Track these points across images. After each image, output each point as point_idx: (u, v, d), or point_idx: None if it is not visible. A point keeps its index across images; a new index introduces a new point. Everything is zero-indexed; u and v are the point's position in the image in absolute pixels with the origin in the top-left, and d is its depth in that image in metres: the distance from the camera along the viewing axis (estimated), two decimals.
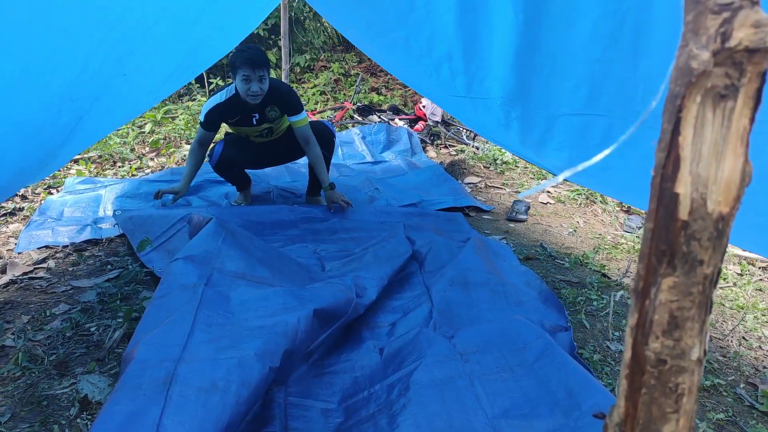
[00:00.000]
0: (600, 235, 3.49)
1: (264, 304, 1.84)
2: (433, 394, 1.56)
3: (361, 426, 1.52)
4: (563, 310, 2.23)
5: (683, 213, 0.41)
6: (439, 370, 1.67)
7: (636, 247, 3.30)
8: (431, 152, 5.43)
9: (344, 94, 8.15)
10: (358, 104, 6.59)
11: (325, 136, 3.37)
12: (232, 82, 3.08)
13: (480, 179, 4.50)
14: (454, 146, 5.58)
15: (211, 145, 3.34)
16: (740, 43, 0.37)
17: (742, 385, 1.91)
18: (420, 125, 5.79)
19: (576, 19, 1.60)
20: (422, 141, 5.51)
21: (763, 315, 2.59)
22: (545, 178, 4.53)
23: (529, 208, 3.82)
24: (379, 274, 2.33)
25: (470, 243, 2.67)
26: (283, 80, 5.62)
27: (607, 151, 0.53)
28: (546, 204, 4.04)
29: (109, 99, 2.20)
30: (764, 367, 2.06)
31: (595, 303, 2.41)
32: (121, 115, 2.54)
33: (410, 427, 1.44)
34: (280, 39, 7.60)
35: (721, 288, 2.87)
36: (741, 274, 3.09)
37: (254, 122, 3.20)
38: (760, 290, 2.92)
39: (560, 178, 0.54)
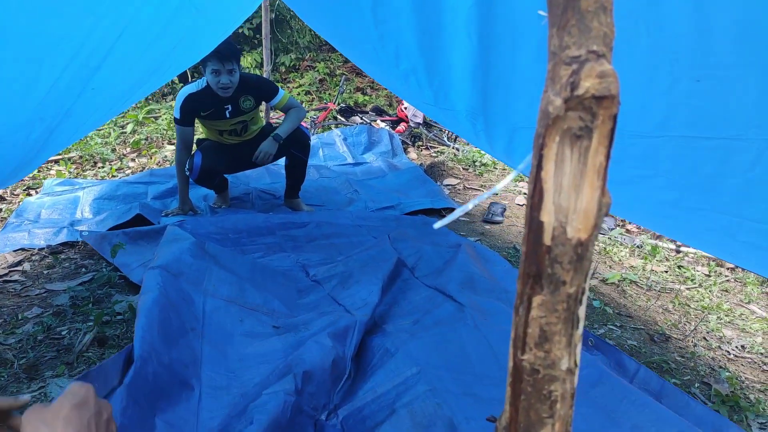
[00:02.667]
0: None
1: (264, 359, 1.78)
2: None
3: None
4: None
5: (547, 239, 0.46)
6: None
7: (606, 249, 3.37)
8: (412, 154, 5.48)
9: (329, 94, 8.18)
10: (342, 105, 6.63)
11: (300, 140, 3.41)
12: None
13: (459, 181, 4.56)
14: (435, 147, 5.64)
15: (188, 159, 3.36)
16: (587, 91, 0.42)
17: (696, 385, 1.97)
18: (402, 127, 5.84)
19: (521, 43, 1.66)
20: (404, 142, 5.55)
21: (726, 315, 2.67)
22: (523, 180, 4.59)
23: (505, 210, 3.88)
24: (371, 283, 2.28)
25: (462, 249, 2.67)
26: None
27: (478, 200, 0.58)
28: (522, 206, 4.10)
29: (80, 110, 2.22)
30: (720, 367, 2.12)
31: None
32: (91, 123, 2.56)
33: None
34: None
35: (687, 289, 2.94)
36: (708, 275, 3.16)
37: (227, 115, 3.24)
38: (726, 291, 2.99)
39: (469, 206, 0.59)
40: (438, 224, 0.66)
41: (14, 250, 2.91)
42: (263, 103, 3.47)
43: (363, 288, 2.23)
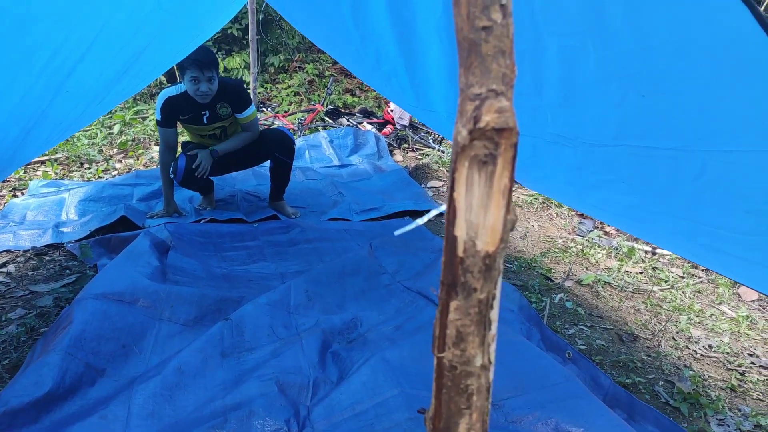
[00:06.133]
0: (552, 238, 3.63)
1: (205, 392, 1.76)
2: None
3: None
4: (542, 325, 2.28)
5: (460, 251, 0.52)
6: None
7: (584, 251, 3.45)
8: (398, 156, 5.54)
9: (318, 95, 8.22)
10: (329, 107, 6.68)
11: (284, 144, 3.46)
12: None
13: (442, 183, 4.62)
14: (421, 150, 5.70)
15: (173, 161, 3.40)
16: (488, 124, 0.48)
17: (660, 383, 2.05)
18: (388, 129, 5.90)
19: None
20: (390, 145, 5.61)
21: (696, 316, 2.75)
22: None
23: None
24: (346, 298, 2.31)
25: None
26: (252, 83, 5.68)
27: (423, 220, 0.65)
28: None
29: (55, 113, 2.25)
30: (685, 366, 2.20)
31: (534, 305, 2.54)
32: (68, 126, 2.60)
33: None
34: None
35: (660, 290, 3.02)
36: (682, 276, 3.25)
37: (205, 120, 3.28)
38: (699, 292, 3.08)
39: (425, 219, 0.65)
40: (397, 232, 0.73)
41: (0, 252, 2.94)
42: None
43: (336, 306, 2.26)
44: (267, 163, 3.69)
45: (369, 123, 6.08)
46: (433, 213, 0.65)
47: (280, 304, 2.19)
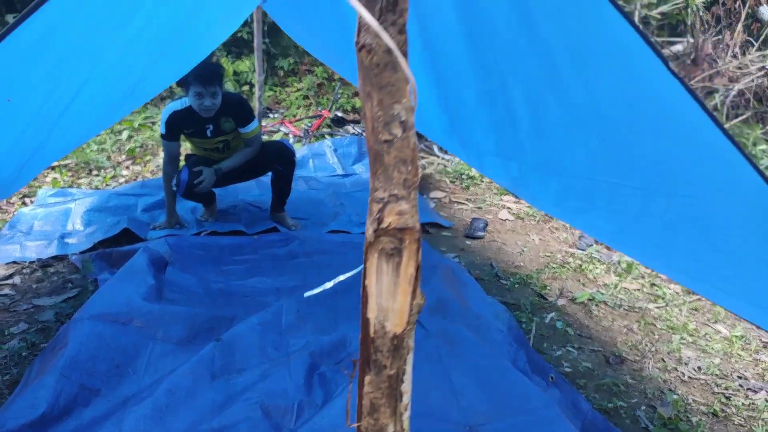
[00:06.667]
0: (551, 253, 3.64)
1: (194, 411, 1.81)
2: None
3: None
4: (528, 347, 2.31)
5: (371, 332, 0.56)
6: None
7: (582, 266, 3.46)
8: None
9: (327, 98, 8.27)
10: (336, 112, 6.73)
11: (284, 155, 3.52)
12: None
13: (445, 194, 4.65)
14: (425, 158, 5.73)
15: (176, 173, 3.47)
16: (390, 224, 0.52)
17: (643, 407, 2.07)
18: None
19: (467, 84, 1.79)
20: None
21: (690, 335, 2.75)
22: (507, 194, 4.68)
23: (487, 225, 3.98)
24: (336, 318, 2.34)
25: (439, 272, 2.74)
26: (257, 90, 5.74)
27: (331, 283, 0.69)
28: (505, 221, 4.19)
29: (67, 123, 2.32)
30: (669, 390, 2.21)
31: (524, 325, 2.57)
32: (80, 136, 2.68)
33: None
34: (265, 42, 7.74)
35: (656, 308, 3.03)
36: (679, 293, 3.25)
37: (208, 134, 3.34)
38: (695, 310, 3.08)
39: (332, 282, 0.70)
40: (307, 294, 0.77)
41: (6, 263, 3.02)
42: None
43: (328, 325, 2.30)
44: (269, 174, 3.75)
45: None
46: (348, 275, 0.69)
47: (272, 324, 2.24)
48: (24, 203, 4.07)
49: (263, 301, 2.55)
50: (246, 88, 8.23)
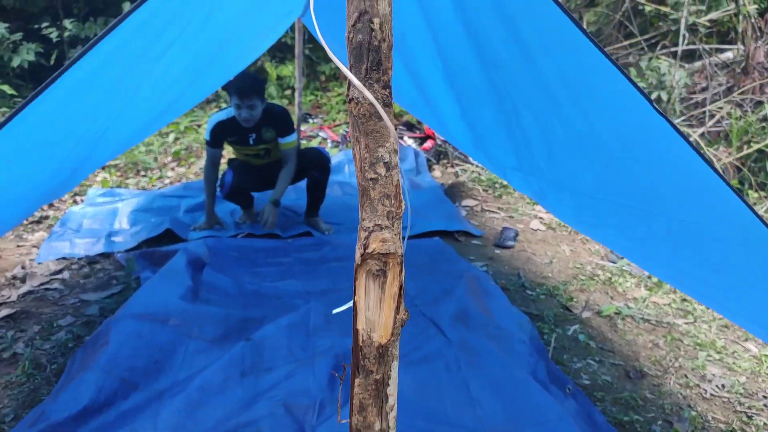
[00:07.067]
0: (581, 265, 3.65)
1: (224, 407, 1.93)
2: None
3: None
4: (548, 359, 2.35)
5: (360, 341, 0.64)
6: None
7: (612, 279, 3.45)
8: (437, 171, 5.64)
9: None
10: None
11: (320, 162, 3.65)
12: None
13: (477, 202, 4.69)
14: (460, 165, 5.77)
15: (220, 175, 3.66)
16: (374, 250, 0.60)
17: (659, 422, 2.08)
18: (428, 144, 6.01)
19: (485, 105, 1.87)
20: (429, 160, 5.71)
21: (717, 353, 2.73)
22: (539, 204, 4.68)
23: (517, 234, 4.00)
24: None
25: (464, 282, 2.81)
26: (297, 97, 5.89)
27: (344, 308, 0.77)
28: (536, 231, 4.21)
29: (115, 132, 2.48)
30: (688, 406, 2.22)
31: (545, 336, 2.60)
32: (127, 142, 2.86)
33: None
34: (307, 47, 7.93)
35: (685, 323, 3.01)
36: (709, 309, 3.21)
37: (251, 142, 3.51)
38: (726, 327, 3.05)
39: (344, 307, 0.78)
40: (335, 311, 0.85)
41: (56, 259, 3.23)
42: None
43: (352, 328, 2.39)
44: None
45: (410, 137, 6.20)
46: (349, 305, 0.77)
47: (300, 325, 2.34)
48: (74, 201, 4.31)
49: (293, 304, 2.66)
50: (288, 92, 8.43)
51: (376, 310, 0.63)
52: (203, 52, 2.44)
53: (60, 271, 3.10)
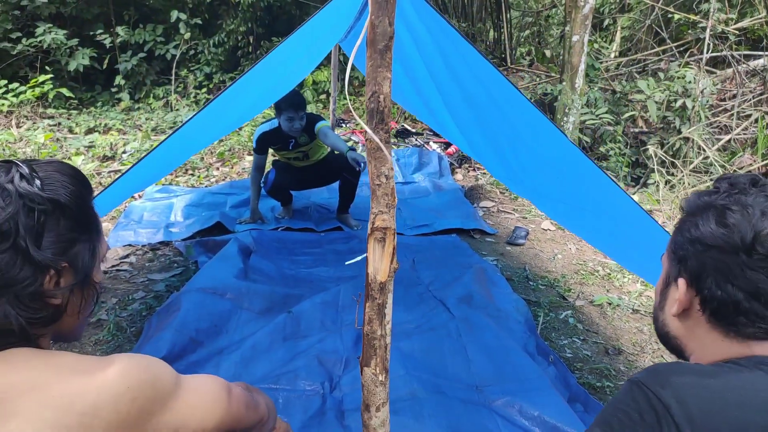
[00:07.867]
0: (584, 262, 4.04)
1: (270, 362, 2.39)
2: None
3: None
4: (537, 335, 2.77)
5: (369, 280, 1.10)
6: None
7: (610, 275, 3.84)
8: (459, 175, 6.07)
9: (398, 109, 8.85)
10: (402, 125, 7.30)
11: (350, 166, 4.12)
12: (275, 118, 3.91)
13: (494, 204, 5.11)
14: (480, 169, 6.19)
15: (265, 173, 4.17)
16: (376, 224, 1.05)
17: None
18: (452, 149, 6.43)
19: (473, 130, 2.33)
20: (452, 164, 6.15)
21: None
22: None
23: (528, 233, 4.41)
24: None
25: (472, 271, 3.26)
26: (331, 104, 6.39)
27: (357, 259, 1.23)
28: (546, 231, 4.61)
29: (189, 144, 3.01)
30: None
31: (539, 318, 3.02)
32: (194, 149, 3.40)
33: None
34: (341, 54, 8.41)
35: None
36: None
37: (290, 147, 4.04)
38: None
39: (357, 258, 1.24)
40: (348, 262, 1.31)
41: (123, 246, 3.77)
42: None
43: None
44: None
45: (436, 142, 6.64)
46: (360, 257, 1.22)
47: (332, 303, 2.82)
48: (134, 197, 4.87)
49: (325, 286, 3.14)
50: (323, 96, 8.95)
51: (379, 261, 1.08)
52: (283, 73, 2.95)
53: (127, 256, 3.63)
